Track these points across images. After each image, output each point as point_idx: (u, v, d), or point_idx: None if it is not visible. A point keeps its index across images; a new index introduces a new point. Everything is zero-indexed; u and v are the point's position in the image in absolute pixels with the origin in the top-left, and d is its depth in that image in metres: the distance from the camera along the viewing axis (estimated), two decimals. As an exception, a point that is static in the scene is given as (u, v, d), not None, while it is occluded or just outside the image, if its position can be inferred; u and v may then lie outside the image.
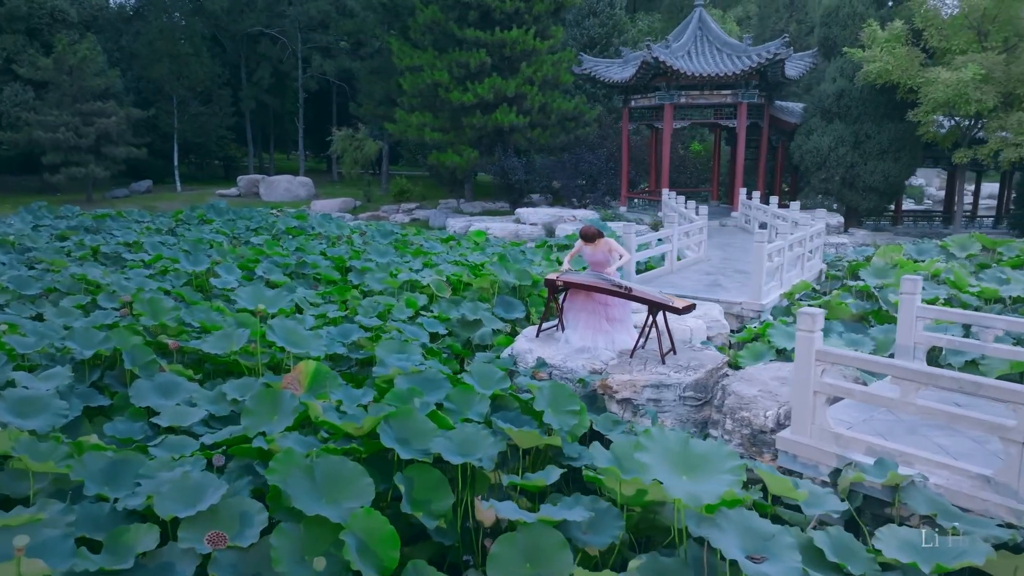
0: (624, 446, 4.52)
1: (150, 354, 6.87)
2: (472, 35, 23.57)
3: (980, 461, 4.96)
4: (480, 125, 23.77)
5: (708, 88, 19.72)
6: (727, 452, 4.07)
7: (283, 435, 4.84)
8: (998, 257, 12.32)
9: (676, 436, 4.15)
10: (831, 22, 20.87)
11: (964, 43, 17.71)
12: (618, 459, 4.45)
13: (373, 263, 12.90)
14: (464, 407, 5.64)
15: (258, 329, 7.57)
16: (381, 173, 40.59)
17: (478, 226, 21.26)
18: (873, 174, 19.71)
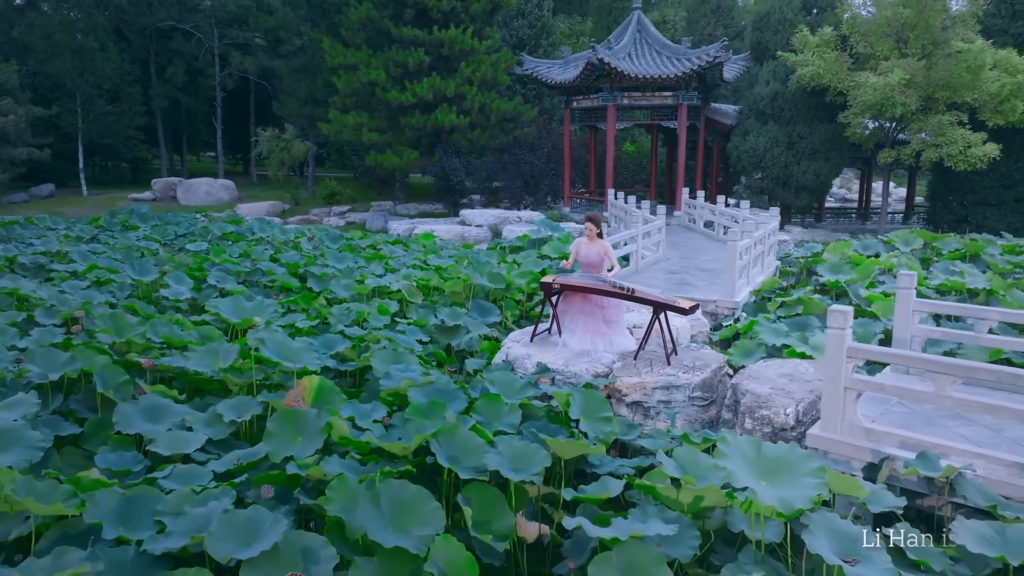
0: (687, 454, 4.39)
1: (122, 374, 6.27)
2: (409, 34, 23.10)
3: (1005, 448, 5.14)
4: (419, 125, 23.31)
5: (649, 90, 20.06)
6: (802, 455, 4.01)
7: (317, 459, 4.46)
8: (938, 251, 13.04)
9: (749, 441, 4.05)
10: (763, 27, 21.67)
11: (887, 50, 18.74)
12: (683, 467, 4.32)
13: (332, 269, 12.36)
14: (493, 418, 5.39)
15: (242, 341, 7.06)
16: (307, 175, 39.28)
17: (422, 229, 20.84)
18: (806, 173, 20.59)
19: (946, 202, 21.72)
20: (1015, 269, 10.97)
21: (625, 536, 3.54)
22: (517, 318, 11.06)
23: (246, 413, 5.84)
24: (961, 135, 18.02)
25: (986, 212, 20.81)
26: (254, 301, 7.66)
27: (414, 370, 6.80)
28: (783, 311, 9.58)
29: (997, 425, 5.59)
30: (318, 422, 4.82)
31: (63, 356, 6.34)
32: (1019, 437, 5.38)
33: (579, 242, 8.05)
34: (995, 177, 19.97)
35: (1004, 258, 11.49)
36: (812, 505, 3.62)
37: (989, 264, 11.32)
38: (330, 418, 4.81)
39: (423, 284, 11.35)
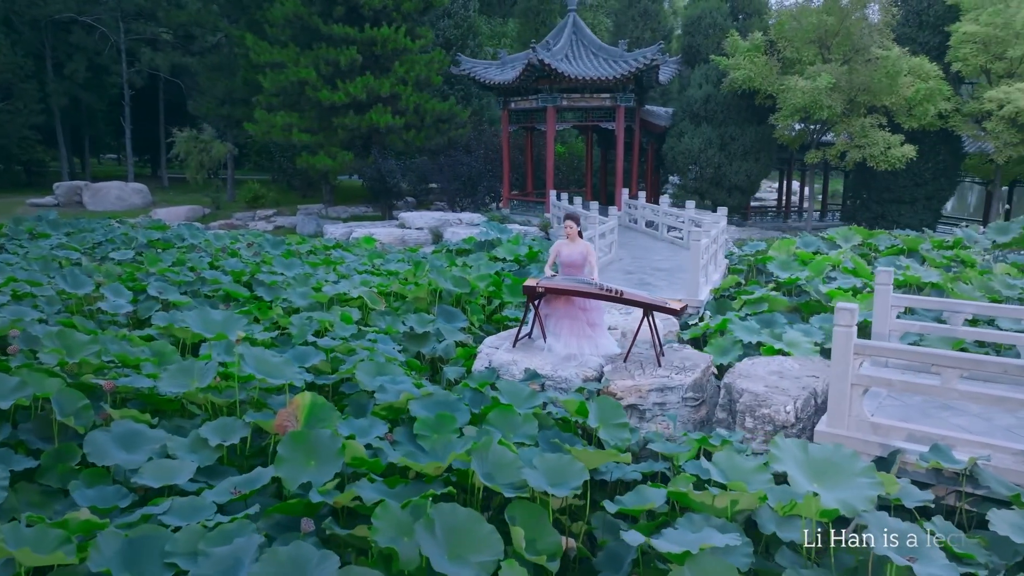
0: (728, 459, 4.32)
1: (81, 398, 5.69)
2: (340, 31, 22.40)
3: (1001, 437, 5.34)
4: (353, 126, 22.65)
5: (588, 91, 20.22)
6: (848, 455, 4.00)
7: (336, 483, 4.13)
8: (874, 247, 13.67)
9: (796, 443, 4.02)
10: (694, 31, 22.26)
11: (812, 55, 19.62)
12: (726, 472, 4.24)
13: (281, 276, 11.76)
14: (507, 430, 5.17)
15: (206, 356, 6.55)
16: (226, 178, 37.55)
17: (360, 232, 20.22)
18: (738, 174, 21.28)
19: (864, 200, 22.95)
20: (950, 263, 11.61)
21: (696, 549, 3.40)
22: (483, 322, 10.84)
23: (233, 436, 5.40)
24: (882, 137, 19.08)
25: (900, 209, 22.13)
26: (224, 314, 7.11)
27: (403, 381, 6.48)
28: (749, 309, 9.76)
29: (987, 414, 5.82)
30: (332, 444, 4.47)
31: (10, 381, 5.68)
32: (1010, 424, 5.62)
33: (560, 243, 7.92)
34: (908, 176, 21.25)
35: (938, 253, 12.15)
36: (871, 506, 3.60)
37: (926, 259, 11.95)
38: (343, 439, 4.47)
39: (383, 290, 10.96)
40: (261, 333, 8.58)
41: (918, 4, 21.23)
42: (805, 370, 6.98)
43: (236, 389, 5.82)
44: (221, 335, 6.51)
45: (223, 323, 6.80)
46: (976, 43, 19.03)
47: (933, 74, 19.19)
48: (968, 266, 11.65)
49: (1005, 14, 18.58)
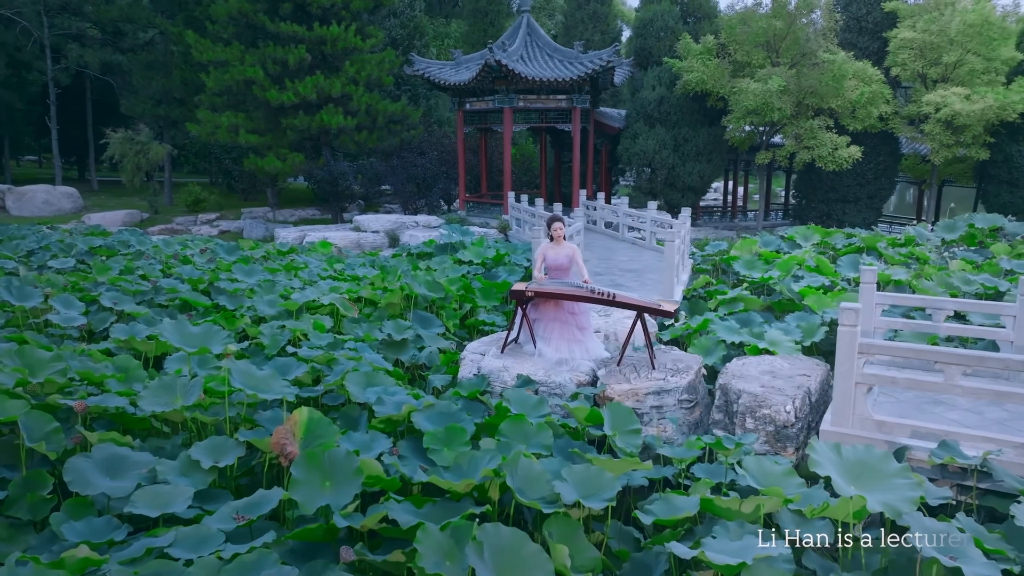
0: (756, 464, 4.26)
1: (50, 421, 5.28)
2: (287, 29, 21.74)
3: (995, 430, 5.49)
4: (303, 127, 22.01)
5: (544, 92, 20.19)
6: (880, 456, 4.00)
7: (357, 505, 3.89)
8: (831, 246, 14.05)
9: (830, 446, 3.99)
10: (646, 34, 22.52)
11: (761, 58, 20.10)
12: (756, 477, 4.18)
13: (242, 283, 11.26)
14: (521, 440, 5.00)
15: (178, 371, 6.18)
16: (164, 181, 36.00)
17: (314, 236, 19.66)
18: (691, 174, 21.64)
19: (811, 199, 23.68)
20: (908, 260, 12.02)
21: (750, 559, 3.32)
22: (457, 327, 10.62)
23: (226, 456, 5.08)
24: (829, 138, 19.70)
25: (845, 208, 22.91)
26: (201, 326, 6.70)
27: (397, 392, 6.24)
28: (725, 308, 9.86)
29: (976, 408, 5.98)
30: (349, 463, 4.22)
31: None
32: (1000, 417, 5.79)
33: (545, 246, 7.79)
34: (852, 177, 22.02)
35: (896, 251, 12.57)
36: (913, 507, 3.60)
37: (884, 256, 12.34)
38: (360, 458, 4.23)
39: (352, 296, 10.62)
40: (232, 344, 8.19)
41: (858, 10, 22.05)
42: (796, 369, 7.05)
43: (226, 406, 5.47)
44: (204, 349, 6.12)
45: (202, 336, 6.39)
46: (913, 49, 19.88)
47: (875, 78, 19.96)
48: (923, 263, 12.09)
49: (940, 21, 19.47)
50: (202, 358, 7.07)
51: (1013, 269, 10.36)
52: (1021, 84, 19.44)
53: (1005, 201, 20.56)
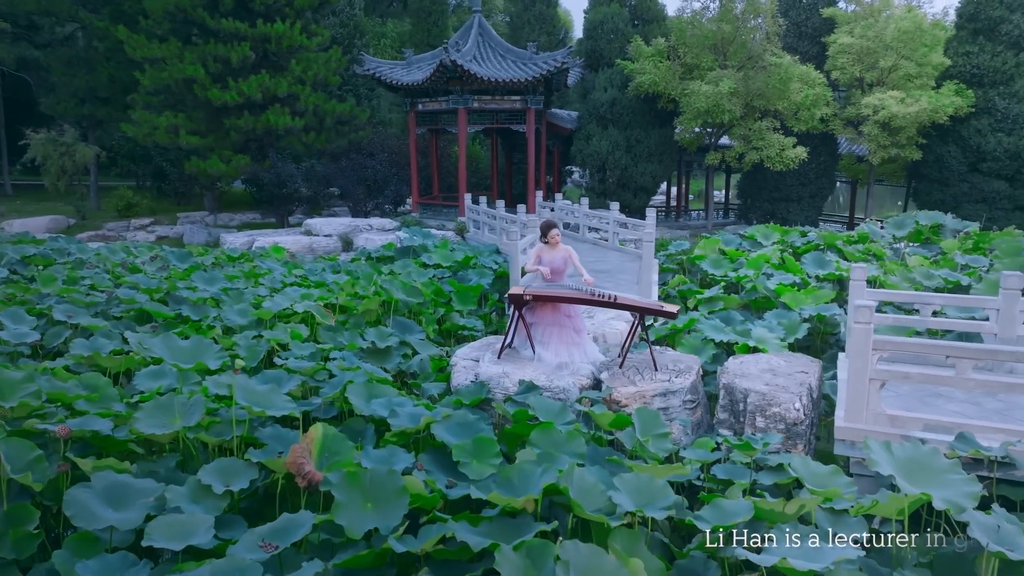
0: (804, 463, 4.25)
1: (32, 449, 4.86)
2: (229, 26, 20.87)
3: (996, 419, 5.68)
4: (248, 128, 21.16)
5: (499, 93, 20.06)
6: (928, 452, 4.04)
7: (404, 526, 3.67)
8: (791, 244, 14.43)
9: (882, 445, 4.01)
10: (596, 36, 22.69)
11: (710, 61, 20.55)
12: (807, 478, 4.17)
13: (204, 292, 10.70)
14: (553, 449, 4.85)
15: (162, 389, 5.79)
16: (90, 184, 34.04)
17: (265, 241, 18.95)
18: (643, 175, 21.92)
19: (756, 199, 24.37)
20: (867, 257, 12.45)
21: (830, 563, 3.28)
22: (436, 333, 10.38)
23: (238, 479, 4.75)
24: (777, 139, 20.31)
25: (788, 207, 23.68)
26: (191, 340, 6.26)
27: (404, 403, 6.00)
28: (706, 307, 9.96)
29: (974, 399, 6.18)
30: (392, 482, 3.98)
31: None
32: (998, 408, 6.00)
33: (540, 248, 7.67)
34: (795, 176, 22.78)
35: (854, 247, 13.01)
36: (974, 503, 3.64)
37: (845, 254, 12.76)
38: (404, 477, 4.00)
39: (325, 302, 10.23)
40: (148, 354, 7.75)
41: (797, 16, 22.84)
42: (793, 367, 7.14)
43: (234, 425, 5.11)
44: (201, 364, 5.72)
45: (192, 351, 5.97)
46: (852, 54, 20.71)
47: (819, 81, 20.71)
48: (879, 259, 12.56)
49: (876, 28, 20.35)
50: (184, 374, 6.65)
51: (968, 264, 10.86)
52: (949, 88, 20.54)
53: (936, 199, 21.66)
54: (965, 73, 21.10)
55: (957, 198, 21.24)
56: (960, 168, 21.34)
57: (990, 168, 20.95)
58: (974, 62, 21.01)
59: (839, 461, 5.94)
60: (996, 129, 20.74)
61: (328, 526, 4.17)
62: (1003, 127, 20.70)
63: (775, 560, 3.32)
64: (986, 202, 21.07)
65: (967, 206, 20.84)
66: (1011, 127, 20.61)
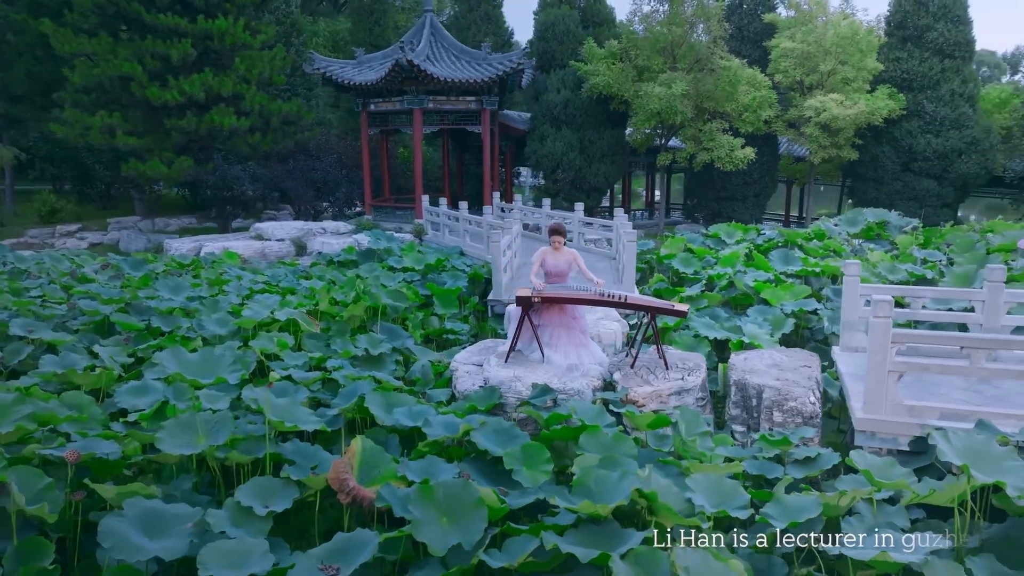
0: (862, 458, 4.33)
1: (42, 477, 4.52)
2: (168, 22, 19.88)
3: (998, 405, 5.96)
4: (190, 128, 20.21)
5: (454, 94, 19.85)
6: (983, 440, 4.19)
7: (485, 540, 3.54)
8: (753, 241, 14.82)
9: (942, 436, 4.13)
10: (548, 37, 22.77)
11: (661, 64, 20.96)
12: (869, 471, 4.25)
13: (171, 301, 10.14)
14: (602, 451, 4.78)
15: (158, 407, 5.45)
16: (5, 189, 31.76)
17: (213, 247, 18.13)
18: (596, 175, 22.15)
19: (703, 198, 25.00)
20: (828, 253, 12.92)
21: (924, 555, 3.35)
22: (423, 338, 10.16)
23: (279, 499, 4.51)
24: (727, 140, 20.90)
25: (734, 206, 24.40)
26: (200, 353, 5.88)
27: (427, 411, 5.83)
28: (692, 305, 10.09)
29: (973, 387, 6.47)
30: (466, 494, 3.83)
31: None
32: (998, 394, 6.28)
33: (544, 251, 7.60)
34: (741, 176, 23.50)
35: (814, 244, 13.47)
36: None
37: (806, 250, 13.19)
38: (480, 489, 3.85)
39: (303, 308, 9.86)
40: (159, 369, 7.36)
41: (740, 20, 23.58)
42: (795, 361, 7.31)
43: (267, 441, 4.82)
44: (221, 379, 5.38)
45: (204, 365, 5.61)
46: (793, 58, 21.53)
47: (764, 84, 21.43)
48: (838, 254, 13.05)
49: (816, 33, 21.22)
50: (176, 387, 6.27)
51: (926, 258, 11.42)
52: (883, 92, 21.63)
53: (871, 197, 22.76)
54: (896, 78, 22.28)
55: (891, 196, 22.38)
56: (894, 167, 22.51)
57: (920, 167, 22.18)
58: (904, 67, 22.21)
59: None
60: (925, 131, 21.98)
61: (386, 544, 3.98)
62: (931, 129, 21.96)
63: (874, 554, 3.35)
64: (917, 200, 22.30)
65: (900, 203, 21.98)
66: (939, 129, 21.89)
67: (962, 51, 22.30)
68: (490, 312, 10.88)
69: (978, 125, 22.34)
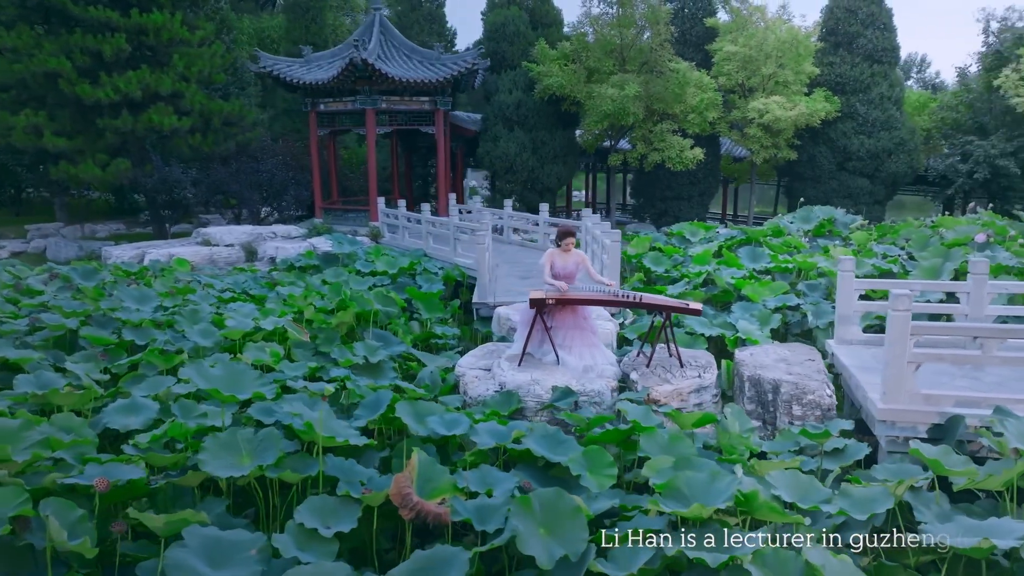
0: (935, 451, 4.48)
1: (73, 508, 4.20)
2: (99, 15, 18.70)
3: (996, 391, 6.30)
4: (126, 129, 19.07)
5: (408, 94, 19.52)
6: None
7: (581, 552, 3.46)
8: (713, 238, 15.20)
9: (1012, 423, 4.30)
10: (498, 38, 22.70)
11: (611, 66, 21.25)
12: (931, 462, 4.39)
13: (139, 313, 9.55)
14: (662, 452, 4.77)
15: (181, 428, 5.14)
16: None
17: (156, 254, 17.20)
18: (549, 176, 22.26)
19: (649, 198, 25.50)
20: (789, 250, 13.38)
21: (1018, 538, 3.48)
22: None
23: (341, 519, 4.30)
24: (677, 141, 21.38)
25: (680, 205, 24.99)
26: (221, 367, 5.52)
27: (461, 419, 5.68)
28: (677, 303, 10.24)
29: (972, 374, 6.82)
30: (562, 504, 3.74)
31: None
32: (995, 381, 6.65)
33: (552, 253, 7.54)
34: (686, 176, 24.08)
35: (778, 240, 13.93)
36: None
37: (769, 247, 13.62)
38: (576, 499, 3.76)
39: (286, 315, 9.47)
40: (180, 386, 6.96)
41: (683, 24, 24.16)
42: (799, 355, 7.52)
43: (320, 457, 4.57)
44: (259, 395, 5.07)
45: (231, 379, 5.26)
46: (736, 61, 22.24)
47: (710, 86, 22.04)
48: (797, 250, 13.54)
49: (757, 38, 22.00)
50: (182, 404, 5.92)
51: (886, 253, 11.98)
52: (820, 95, 22.65)
53: (809, 195, 23.75)
54: (831, 81, 23.37)
55: (827, 194, 23.44)
56: (830, 167, 23.60)
57: (855, 167, 23.35)
58: (837, 72, 23.32)
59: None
60: (859, 132, 23.15)
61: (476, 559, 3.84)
62: (864, 130, 23.15)
63: (975, 541, 3.45)
64: (851, 197, 23.45)
65: (836, 201, 23.03)
66: (870, 130, 23.10)
67: (889, 56, 23.62)
68: (475, 315, 10.74)
69: (904, 127, 23.70)
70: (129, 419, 6.31)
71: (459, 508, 4.19)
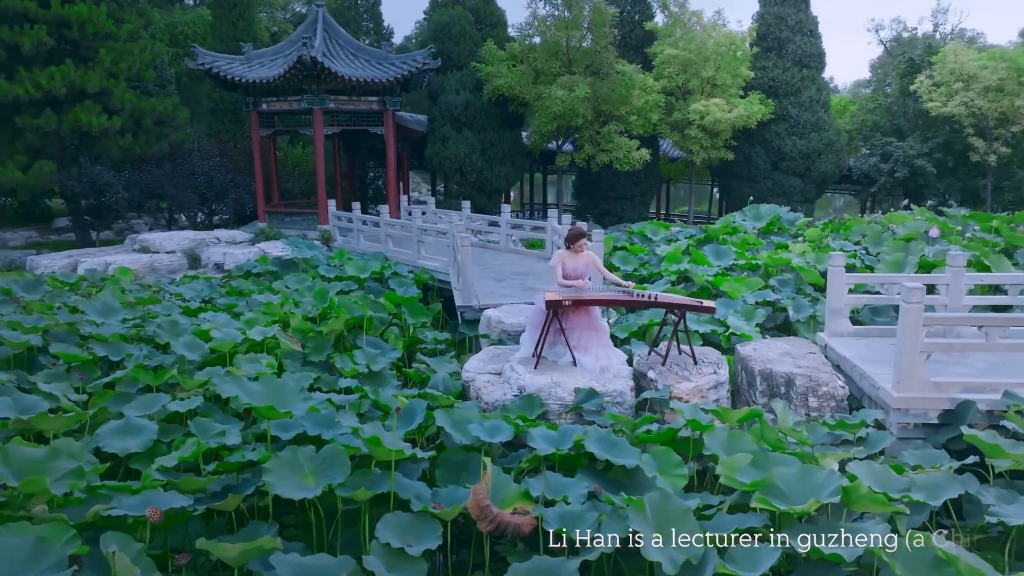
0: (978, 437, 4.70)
1: (130, 541, 3.94)
2: (14, 5, 17.33)
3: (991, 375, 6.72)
4: (49, 128, 17.74)
5: (357, 94, 19.01)
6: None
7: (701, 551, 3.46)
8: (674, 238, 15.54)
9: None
10: (444, 38, 22.44)
11: (557, 67, 21.41)
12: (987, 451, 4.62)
13: (110, 326, 8.93)
14: (728, 450, 4.83)
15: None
16: None
17: (91, 262, 16.08)
18: (498, 177, 22.21)
19: (592, 198, 25.87)
20: (751, 247, 13.85)
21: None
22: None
23: (424, 536, 4.16)
24: (624, 142, 21.76)
25: (622, 205, 25.48)
26: (261, 381, 5.17)
27: (501, 425, 5.60)
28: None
29: (966, 361, 7.24)
30: (674, 507, 3.71)
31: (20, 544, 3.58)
32: (986, 366, 7.09)
33: (562, 255, 7.52)
34: (628, 176, 24.57)
35: (736, 237, 14.38)
36: None
37: (728, 244, 14.05)
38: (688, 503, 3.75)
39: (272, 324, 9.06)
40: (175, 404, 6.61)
41: (623, 27, 24.62)
42: (800, 349, 7.78)
43: (391, 475, 4.37)
44: (315, 409, 4.80)
45: (275, 393, 4.95)
46: (676, 64, 22.86)
47: (654, 88, 22.54)
48: (755, 247, 14.03)
49: (696, 41, 22.68)
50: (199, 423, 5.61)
51: (843, 248, 12.58)
52: (755, 97, 23.58)
53: (745, 194, 24.71)
54: (764, 85, 24.37)
55: (763, 193, 24.44)
56: (765, 167, 24.62)
57: (788, 167, 24.44)
58: (770, 75, 24.35)
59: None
60: (791, 133, 24.25)
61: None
62: (796, 131, 24.26)
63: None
64: (785, 196, 24.54)
65: (771, 199, 24.03)
66: (802, 131, 24.23)
67: (815, 62, 24.86)
68: (460, 318, 10.57)
69: (831, 128, 25.00)
70: (127, 441, 5.95)
71: (547, 517, 4.10)
